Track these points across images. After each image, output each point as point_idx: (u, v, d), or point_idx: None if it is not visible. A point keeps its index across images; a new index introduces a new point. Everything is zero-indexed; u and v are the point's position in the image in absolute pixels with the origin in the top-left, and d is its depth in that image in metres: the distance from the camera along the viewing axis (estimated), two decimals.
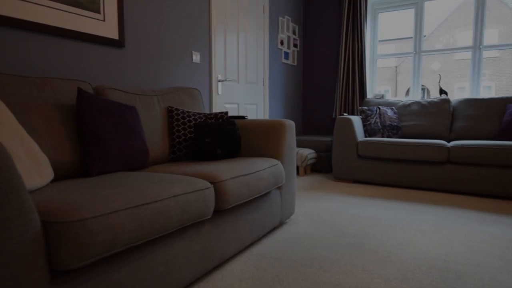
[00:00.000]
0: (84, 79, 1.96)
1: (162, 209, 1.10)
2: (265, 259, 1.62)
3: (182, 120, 2.08)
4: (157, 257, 1.16)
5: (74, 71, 1.91)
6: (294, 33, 4.38)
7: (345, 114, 3.74)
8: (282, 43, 4.07)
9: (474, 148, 2.78)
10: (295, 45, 4.41)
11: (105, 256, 0.95)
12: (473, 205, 2.57)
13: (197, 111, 2.31)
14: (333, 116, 4.38)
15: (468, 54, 20.20)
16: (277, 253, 1.69)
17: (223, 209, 1.42)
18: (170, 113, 2.08)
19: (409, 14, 26.88)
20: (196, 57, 2.78)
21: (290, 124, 2.08)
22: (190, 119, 2.12)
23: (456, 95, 20.49)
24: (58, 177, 1.44)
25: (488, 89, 19.79)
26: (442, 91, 3.78)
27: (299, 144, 4.03)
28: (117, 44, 2.09)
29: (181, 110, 2.12)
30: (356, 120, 3.44)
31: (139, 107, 1.90)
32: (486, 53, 19.50)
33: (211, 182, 1.42)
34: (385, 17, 26.21)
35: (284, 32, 4.12)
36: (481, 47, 3.71)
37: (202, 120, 2.16)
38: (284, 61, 4.16)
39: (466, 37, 20.94)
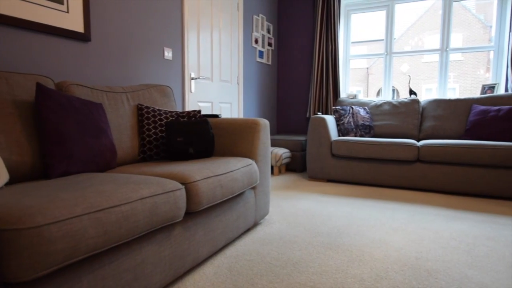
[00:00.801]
0: (47, 74, 1.84)
1: (128, 212, 1.03)
2: (239, 262, 1.58)
3: (152, 119, 2.00)
4: (123, 263, 1.09)
5: (35, 66, 1.78)
6: (268, 31, 4.36)
7: (319, 113, 3.77)
8: (256, 41, 4.04)
9: (441, 148, 2.87)
10: (269, 44, 4.40)
11: (65, 265, 0.88)
12: (441, 202, 2.65)
13: (169, 109, 2.24)
14: (308, 115, 4.40)
15: (434, 57, 21.07)
16: (251, 254, 1.66)
17: (195, 211, 1.37)
18: (140, 111, 2.00)
19: (380, 17, 27.68)
20: (168, 54, 2.69)
21: (265, 123, 2.05)
22: (161, 117, 2.05)
23: (424, 96, 21.31)
24: (15, 179, 1.33)
25: (453, 91, 20.73)
26: (411, 92, 3.89)
27: (274, 144, 4.02)
28: (83, 37, 1.97)
29: (151, 108, 2.04)
30: (330, 119, 3.47)
31: (106, 104, 1.81)
32: (451, 56, 20.37)
33: (182, 183, 1.36)
34: (357, 19, 26.84)
35: (258, 30, 4.09)
36: (447, 49, 3.84)
37: (174, 118, 2.09)
38: (258, 60, 4.13)
39: (433, 40, 21.82)
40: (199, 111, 2.18)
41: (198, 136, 1.89)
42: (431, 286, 1.36)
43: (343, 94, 4.37)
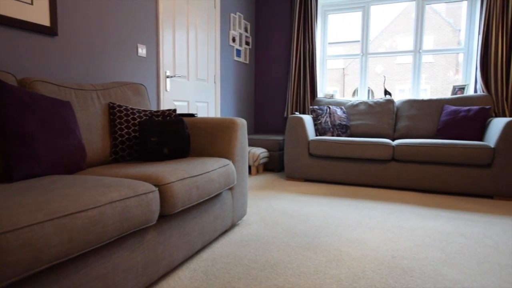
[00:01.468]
0: (8, 70, 1.72)
1: (96, 217, 0.97)
2: (215, 265, 1.54)
3: (125, 118, 1.92)
4: (92, 271, 1.02)
5: None
6: (246, 30, 4.33)
7: (296, 113, 3.77)
8: (234, 40, 4.00)
9: (415, 147, 2.93)
10: (247, 43, 4.36)
11: (26, 276, 0.81)
12: (416, 200, 2.71)
13: (143, 108, 2.16)
14: (285, 115, 4.40)
15: (407, 59, 21.73)
16: (229, 257, 1.62)
17: (169, 213, 1.32)
18: (112, 109, 1.91)
19: (356, 18, 28.25)
20: (142, 51, 2.60)
21: (242, 123, 2.02)
22: (135, 116, 1.97)
23: (397, 97, 21.94)
24: None
25: (425, 91, 21.46)
26: (386, 92, 3.96)
27: (252, 143, 3.99)
28: (49, 31, 1.86)
29: (124, 107, 1.95)
30: (308, 119, 3.48)
31: (75, 102, 1.71)
32: (422, 58, 21.10)
33: (156, 185, 1.30)
34: (334, 20, 27.28)
35: (236, 29, 4.05)
36: (420, 51, 3.94)
37: (147, 117, 2.02)
38: (236, 58, 4.09)
39: (406, 42, 22.50)
40: (175, 110, 2.11)
41: (173, 136, 1.83)
42: (407, 284, 1.37)
43: (320, 94, 4.40)
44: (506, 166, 2.70)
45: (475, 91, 3.63)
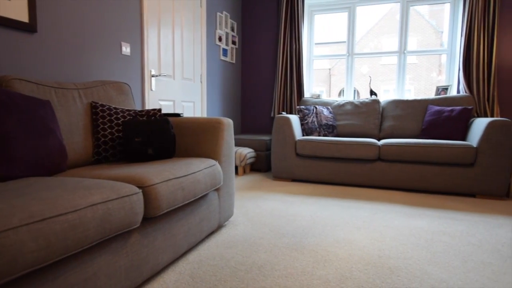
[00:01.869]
0: None
1: (76, 221, 0.93)
2: (202, 267, 1.51)
3: (108, 118, 1.87)
4: (71, 277, 0.98)
5: None
6: (232, 29, 4.30)
7: (283, 113, 3.77)
8: (220, 39, 3.97)
9: (400, 147, 2.96)
10: (233, 42, 4.33)
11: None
12: (401, 199, 2.74)
13: (127, 108, 2.11)
14: (272, 115, 4.39)
15: (392, 60, 22.08)
16: (215, 259, 1.59)
17: (154, 216, 1.28)
18: (95, 109, 1.86)
19: (342, 19, 28.53)
20: (126, 49, 2.55)
21: (228, 122, 1.99)
22: (118, 116, 1.92)
23: (382, 97, 22.27)
24: None
25: (409, 92, 21.85)
26: (372, 92, 4.00)
27: (238, 143, 3.97)
28: (28, 28, 1.80)
29: (107, 106, 1.90)
30: (294, 119, 3.47)
31: (55, 102, 1.66)
32: (407, 59, 21.50)
33: (139, 187, 1.26)
34: (320, 20, 27.48)
35: (222, 28, 4.01)
36: (405, 52, 3.99)
37: (132, 117, 1.97)
38: (222, 58, 4.05)
39: (391, 43, 22.85)
40: (160, 110, 2.07)
41: (158, 136, 1.79)
42: (394, 284, 1.38)
43: (307, 94, 4.41)
44: (488, 165, 2.75)
45: (458, 91, 3.70)
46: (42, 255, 0.84)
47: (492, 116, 3.51)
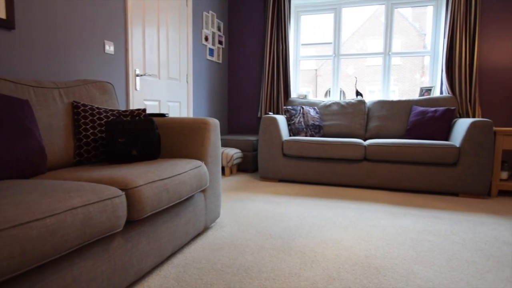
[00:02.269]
0: None
1: (54, 226, 0.89)
2: (187, 271, 1.48)
3: (90, 118, 1.82)
4: (49, 285, 0.94)
5: None
6: (219, 29, 4.27)
7: (270, 113, 3.76)
8: (206, 39, 3.93)
9: (386, 147, 2.99)
10: (220, 42, 4.30)
11: None
12: (387, 199, 2.76)
13: (110, 108, 2.05)
14: (259, 115, 4.38)
15: (376, 61, 22.41)
16: (201, 262, 1.56)
17: (138, 219, 1.25)
18: (76, 109, 1.80)
19: (328, 20, 28.80)
20: (110, 48, 2.49)
21: (215, 123, 1.97)
22: (101, 116, 1.87)
23: (367, 98, 22.59)
24: None
25: (393, 93, 22.21)
26: (358, 93, 4.03)
27: (225, 144, 3.94)
28: (5, 24, 1.73)
29: (89, 106, 1.85)
30: (281, 119, 3.47)
31: (34, 101, 1.60)
32: (392, 60, 21.93)
33: (122, 189, 1.23)
34: (306, 21, 27.69)
35: (209, 28, 3.98)
36: (390, 53, 4.04)
37: (115, 117, 1.92)
38: (209, 58, 4.02)
39: (376, 45, 23.20)
40: (144, 110, 2.03)
41: (142, 137, 1.75)
42: (381, 284, 1.38)
43: (293, 94, 4.41)
44: (470, 165, 2.81)
45: (441, 92, 3.76)
46: (17, 263, 0.79)
47: (473, 116, 3.58)
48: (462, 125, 2.94)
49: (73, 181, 1.25)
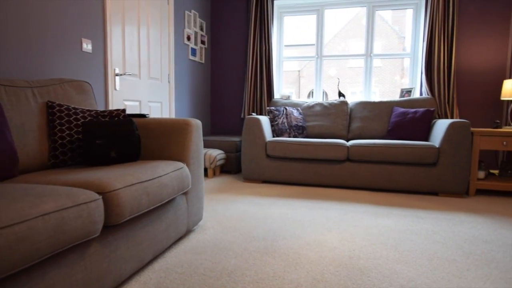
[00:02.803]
0: None
1: (24, 233, 0.84)
2: (169, 276, 1.43)
3: (66, 118, 1.74)
4: None
5: None
6: (201, 29, 4.22)
7: (253, 114, 3.74)
8: (189, 38, 3.87)
9: (368, 147, 3.02)
10: (202, 42, 4.25)
11: None
12: (369, 199, 2.79)
13: (88, 108, 1.98)
14: (242, 116, 4.35)
15: (358, 63, 22.77)
16: (183, 266, 1.52)
17: (116, 223, 1.20)
18: (51, 109, 1.73)
19: (310, 22, 29.06)
20: (87, 46, 2.40)
21: (197, 124, 1.93)
22: (78, 117, 1.80)
23: (349, 99, 22.91)
24: None
25: (374, 94, 22.64)
26: (340, 94, 4.06)
27: (208, 145, 3.89)
28: None
29: (65, 106, 1.78)
30: (265, 120, 3.45)
31: (4, 100, 1.52)
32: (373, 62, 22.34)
33: (99, 193, 1.17)
34: (289, 23, 27.87)
35: (191, 27, 3.92)
36: (372, 55, 4.10)
37: (93, 118, 1.85)
38: (191, 57, 3.96)
39: (357, 47, 23.57)
40: (124, 110, 1.97)
41: (121, 138, 1.69)
42: (365, 285, 1.38)
43: (277, 95, 4.41)
44: (449, 164, 2.87)
45: (421, 94, 3.84)
46: None
47: (451, 117, 3.67)
48: (441, 126, 3.00)
49: (47, 184, 1.19)
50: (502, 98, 3.31)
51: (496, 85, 3.68)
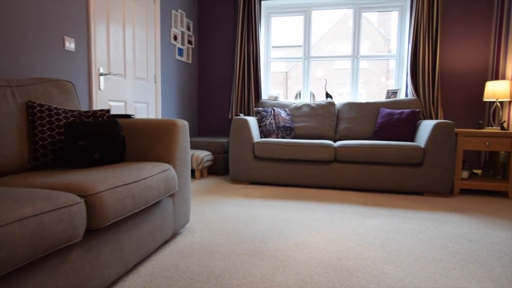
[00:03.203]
0: None
1: (0, 239, 0.80)
2: (154, 280, 1.40)
3: (48, 119, 1.69)
4: None
5: None
6: (188, 29, 4.17)
7: (241, 114, 3.72)
8: (175, 38, 3.83)
9: (355, 148, 3.04)
10: (190, 42, 4.21)
11: None
12: (357, 200, 2.80)
13: (70, 108, 1.93)
14: (230, 117, 4.32)
15: (345, 64, 23.01)
16: (169, 270, 1.49)
17: (99, 227, 1.16)
18: (31, 109, 1.67)
19: (298, 24, 29.23)
20: (70, 44, 2.34)
21: (183, 124, 1.90)
22: (60, 117, 1.74)
23: (336, 100, 23.16)
24: None
25: (361, 95, 22.91)
26: (328, 95, 4.08)
27: (195, 146, 3.85)
28: None
29: (46, 107, 1.72)
30: (252, 121, 3.44)
31: None
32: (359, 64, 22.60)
33: (81, 196, 1.14)
34: (277, 25, 27.96)
35: (178, 27, 3.88)
36: (358, 56, 4.13)
37: (75, 118, 1.80)
38: (178, 57, 3.92)
39: (344, 49, 23.81)
40: (108, 111, 1.92)
41: (105, 139, 1.65)
42: (353, 286, 1.37)
43: (264, 96, 4.40)
44: (434, 165, 2.91)
45: (406, 95, 3.89)
46: None
47: (436, 118, 3.73)
48: (426, 127, 3.04)
49: (26, 188, 1.14)
50: (484, 99, 3.38)
51: (478, 86, 3.76)
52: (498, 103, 3.34)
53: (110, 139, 1.66)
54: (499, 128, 3.20)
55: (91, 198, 1.14)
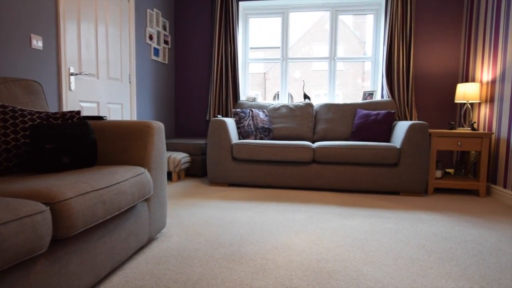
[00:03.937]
0: None
1: None
2: None
3: (11, 121, 1.59)
4: None
5: None
6: (164, 28, 4.08)
7: (219, 116, 3.67)
8: (151, 38, 3.73)
9: (333, 149, 3.06)
10: (166, 42, 4.12)
11: None
12: (335, 200, 2.81)
13: (37, 110, 1.82)
14: (207, 118, 4.26)
15: (322, 66, 23.34)
16: (144, 279, 1.43)
17: (67, 236, 1.09)
18: None
19: (275, 25, 29.40)
20: (38, 43, 2.22)
21: (159, 126, 1.83)
22: (25, 119, 1.64)
23: (314, 101, 23.43)
24: None
25: (337, 97, 23.31)
26: (306, 96, 4.10)
27: (172, 148, 3.76)
28: None
29: (10, 108, 1.62)
30: (230, 122, 3.40)
31: None
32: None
33: (47, 203, 1.06)
34: (255, 26, 28.00)
35: (153, 26, 3.78)
36: (335, 58, 4.17)
37: (42, 120, 1.70)
38: (154, 58, 3.82)
39: (321, 50, 24.16)
40: (78, 112, 1.83)
41: (75, 142, 1.56)
42: None
43: (242, 97, 4.37)
44: (409, 165, 2.97)
45: (382, 96, 3.97)
46: None
47: (411, 119, 3.82)
48: (401, 128, 3.10)
49: None
50: (456, 101, 3.49)
51: (450, 88, 3.88)
52: (468, 105, 3.46)
53: (80, 142, 1.58)
54: (470, 128, 3.31)
55: (58, 205, 1.07)
